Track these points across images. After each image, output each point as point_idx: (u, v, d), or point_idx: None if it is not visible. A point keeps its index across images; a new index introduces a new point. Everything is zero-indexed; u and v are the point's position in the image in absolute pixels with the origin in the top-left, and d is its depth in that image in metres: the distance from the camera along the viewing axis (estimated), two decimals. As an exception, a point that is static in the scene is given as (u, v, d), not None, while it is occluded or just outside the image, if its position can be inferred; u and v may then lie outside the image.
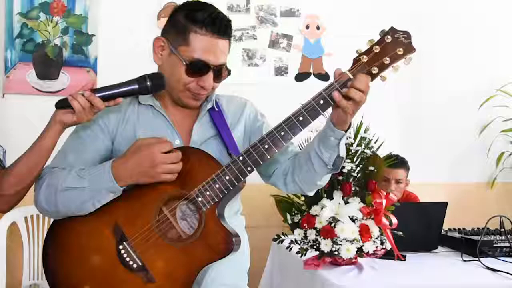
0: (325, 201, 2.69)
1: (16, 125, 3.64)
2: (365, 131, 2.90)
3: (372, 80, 1.69)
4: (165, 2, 3.92)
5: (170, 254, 1.70)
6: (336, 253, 2.62)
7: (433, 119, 4.32)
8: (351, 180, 2.76)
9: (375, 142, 2.87)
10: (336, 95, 1.66)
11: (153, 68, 3.89)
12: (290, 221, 2.77)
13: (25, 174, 1.73)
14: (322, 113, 1.69)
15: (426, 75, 4.24)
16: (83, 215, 1.74)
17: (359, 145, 2.81)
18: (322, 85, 4.62)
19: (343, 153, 1.78)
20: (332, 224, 2.63)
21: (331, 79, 1.73)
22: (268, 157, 1.71)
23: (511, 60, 4.41)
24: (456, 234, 3.26)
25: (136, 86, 1.71)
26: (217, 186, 1.70)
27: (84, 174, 1.71)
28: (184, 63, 1.76)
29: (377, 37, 1.73)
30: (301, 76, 4.14)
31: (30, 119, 3.70)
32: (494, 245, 3.05)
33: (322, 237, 2.63)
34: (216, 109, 1.91)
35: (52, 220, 1.83)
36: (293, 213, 2.76)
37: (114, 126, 1.82)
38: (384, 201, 2.69)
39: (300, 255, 2.71)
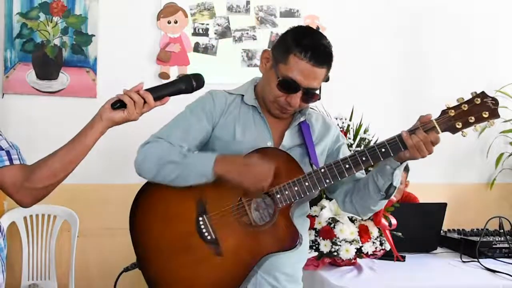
0: (324, 201, 2.70)
1: (15, 125, 3.64)
2: (364, 132, 2.91)
3: (453, 133, 1.85)
4: (165, 3, 3.92)
5: (241, 236, 1.90)
6: (335, 253, 2.63)
7: (433, 120, 4.32)
8: (350, 181, 2.77)
9: (374, 143, 2.87)
10: (405, 136, 1.84)
11: (153, 69, 3.92)
12: (289, 222, 2.77)
13: (60, 169, 1.72)
14: (403, 149, 1.85)
15: (425, 76, 4.25)
16: None
17: (358, 145, 2.81)
18: (322, 85, 4.62)
19: (396, 182, 1.94)
20: (332, 225, 2.65)
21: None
22: (347, 175, 1.90)
23: (510, 61, 4.42)
24: (455, 235, 3.28)
25: (183, 86, 1.80)
26: (295, 188, 1.89)
27: (189, 154, 1.93)
28: (278, 78, 1.93)
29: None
30: (300, 77, 4.14)
31: (30, 119, 3.72)
32: (493, 246, 3.07)
33: (321, 238, 2.64)
34: (307, 123, 2.08)
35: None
36: (292, 214, 2.76)
37: (218, 114, 2.01)
38: (383, 202, 2.69)
39: (299, 255, 2.71)
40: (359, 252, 2.66)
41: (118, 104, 1.71)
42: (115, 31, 3.82)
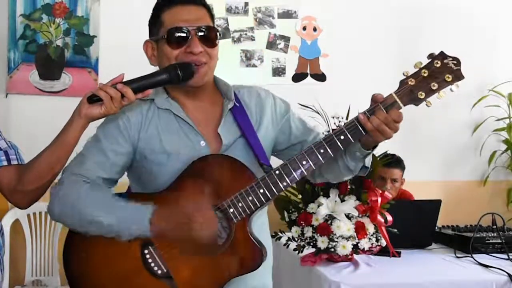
0: (321, 199, 2.72)
1: (18, 125, 3.69)
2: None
3: (417, 105, 1.61)
4: (165, 4, 3.96)
5: (196, 263, 1.62)
6: (332, 250, 2.66)
7: (428, 119, 4.36)
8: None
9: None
10: (364, 119, 1.58)
11: (153, 69, 3.94)
12: (287, 219, 2.81)
13: (46, 170, 1.66)
14: (363, 133, 1.59)
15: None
16: None
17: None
18: (319, 85, 4.66)
19: (368, 163, 1.72)
20: (329, 222, 2.68)
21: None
22: (305, 174, 1.62)
23: (503, 61, 4.46)
24: (449, 231, 3.32)
25: (165, 76, 1.65)
26: (250, 198, 1.61)
27: (113, 209, 1.62)
28: (164, 37, 1.69)
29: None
30: (298, 77, 4.19)
31: (33, 119, 3.76)
32: (487, 241, 3.10)
33: (318, 234, 2.67)
34: (238, 105, 1.77)
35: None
36: (290, 211, 2.80)
37: (136, 130, 1.71)
38: (379, 199, 2.73)
39: (297, 252, 2.75)
40: (356, 248, 2.69)
41: (95, 98, 1.60)
42: (116, 32, 3.87)
